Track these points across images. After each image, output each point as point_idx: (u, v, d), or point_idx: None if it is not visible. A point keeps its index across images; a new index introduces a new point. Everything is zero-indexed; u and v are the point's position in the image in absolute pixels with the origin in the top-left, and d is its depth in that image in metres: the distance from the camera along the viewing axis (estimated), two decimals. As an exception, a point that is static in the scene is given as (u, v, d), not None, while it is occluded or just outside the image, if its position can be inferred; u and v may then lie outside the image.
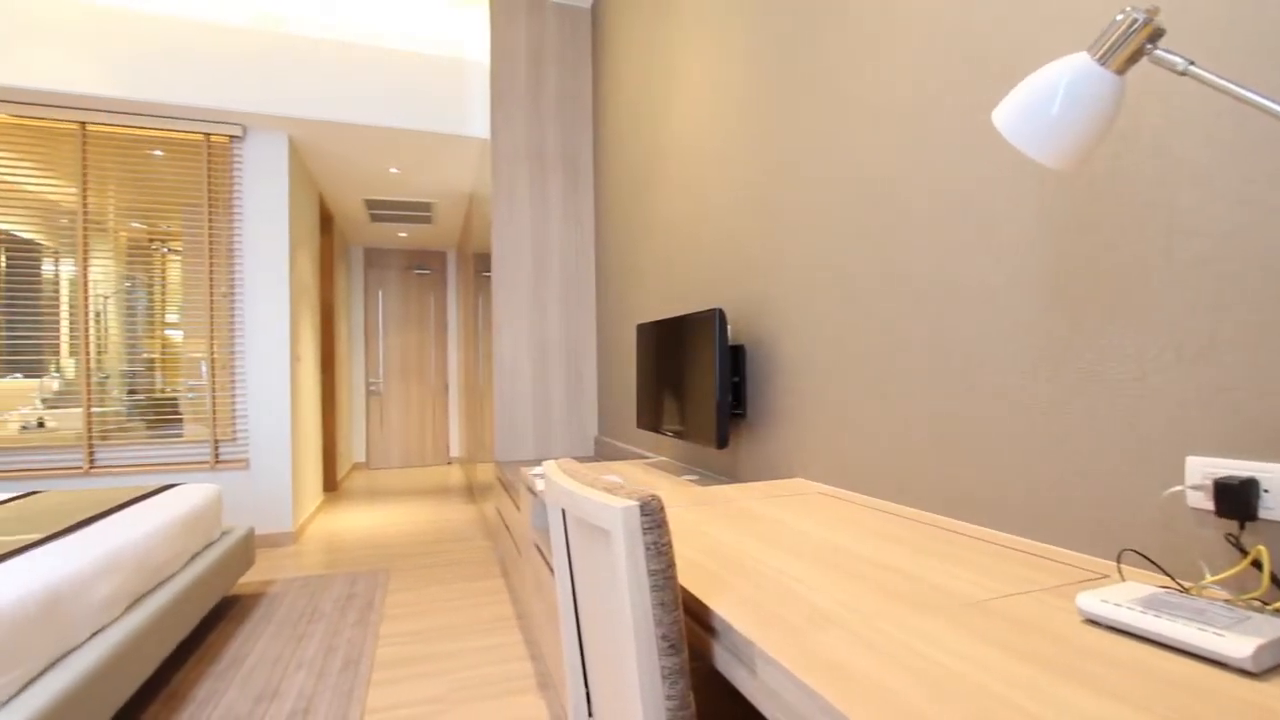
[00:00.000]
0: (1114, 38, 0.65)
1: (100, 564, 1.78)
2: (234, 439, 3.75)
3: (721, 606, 0.78)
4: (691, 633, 0.81)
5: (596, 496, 0.73)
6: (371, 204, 5.38)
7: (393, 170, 4.56)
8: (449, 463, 7.23)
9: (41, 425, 3.59)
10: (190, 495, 2.58)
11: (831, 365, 1.53)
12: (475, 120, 3.89)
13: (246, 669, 2.23)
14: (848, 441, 1.47)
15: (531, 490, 2.22)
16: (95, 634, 1.72)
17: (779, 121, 1.74)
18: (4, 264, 3.52)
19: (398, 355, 7.07)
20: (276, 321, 3.83)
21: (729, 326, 2.03)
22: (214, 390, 3.72)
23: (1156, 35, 0.64)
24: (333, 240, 5.57)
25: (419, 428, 7.12)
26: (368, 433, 6.97)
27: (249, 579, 3.23)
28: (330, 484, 5.52)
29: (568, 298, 3.56)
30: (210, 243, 3.72)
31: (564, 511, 0.98)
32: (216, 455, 3.72)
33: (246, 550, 2.86)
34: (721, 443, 1.72)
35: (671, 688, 0.70)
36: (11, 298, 3.49)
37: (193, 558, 2.44)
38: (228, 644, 2.44)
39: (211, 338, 3.73)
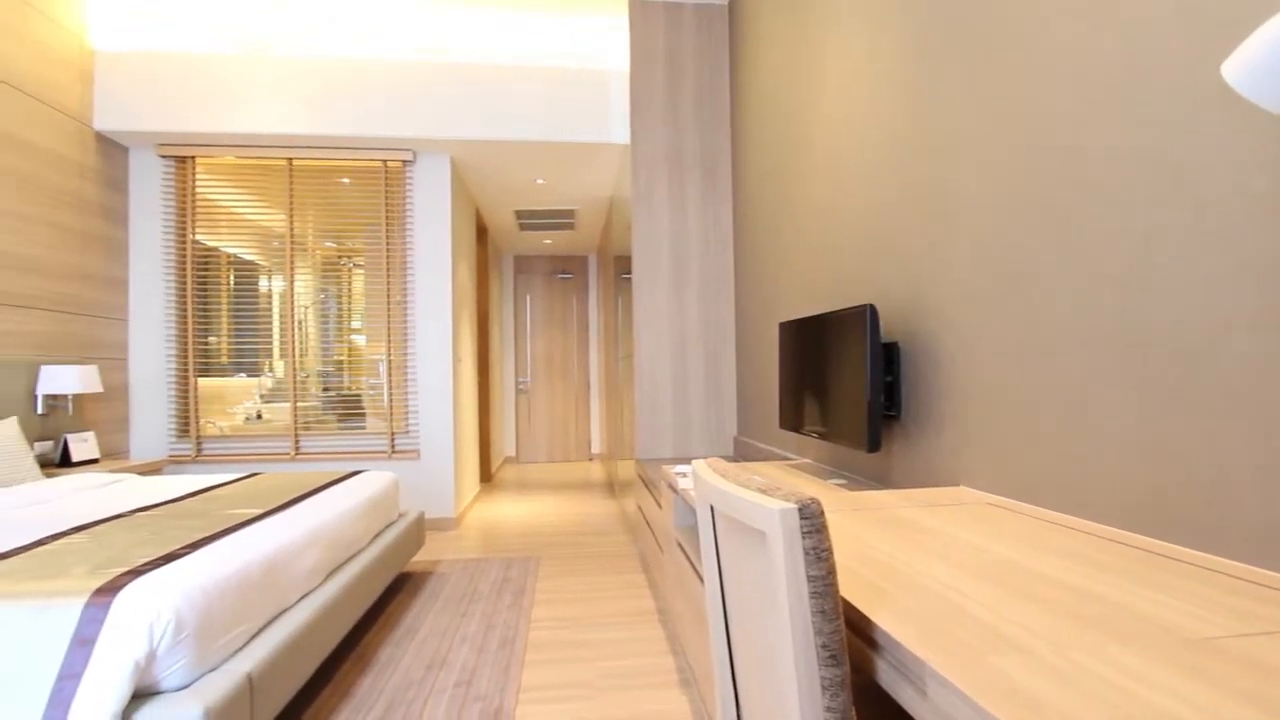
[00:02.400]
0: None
1: (306, 537, 2.07)
2: (407, 432, 4.18)
3: (884, 619, 0.73)
4: (850, 644, 0.78)
5: (751, 497, 0.72)
6: (520, 214, 5.74)
7: (539, 181, 4.84)
8: (591, 459, 7.53)
9: (260, 417, 4.24)
10: (373, 481, 2.91)
11: (1003, 363, 1.39)
12: (616, 127, 4.01)
13: (419, 638, 2.47)
14: (1023, 448, 1.33)
15: (673, 488, 2.24)
16: (303, 598, 2.00)
17: (942, 96, 1.61)
18: (233, 282, 4.20)
19: (544, 355, 7.49)
20: (441, 326, 4.21)
21: (880, 323, 1.91)
22: (390, 388, 4.18)
23: None
24: (487, 250, 6.03)
25: (563, 424, 7.49)
26: (517, 428, 7.45)
27: (420, 558, 3.59)
28: (485, 475, 5.97)
29: (706, 297, 3.56)
30: (387, 257, 4.18)
31: (712, 509, 0.97)
32: (393, 446, 4.16)
33: (418, 532, 3.17)
34: (873, 446, 1.62)
35: (832, 699, 0.67)
36: (238, 309, 4.16)
37: (375, 536, 2.75)
38: (403, 615, 2.72)
39: (388, 341, 4.18)
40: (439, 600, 2.89)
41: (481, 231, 5.87)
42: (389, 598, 2.93)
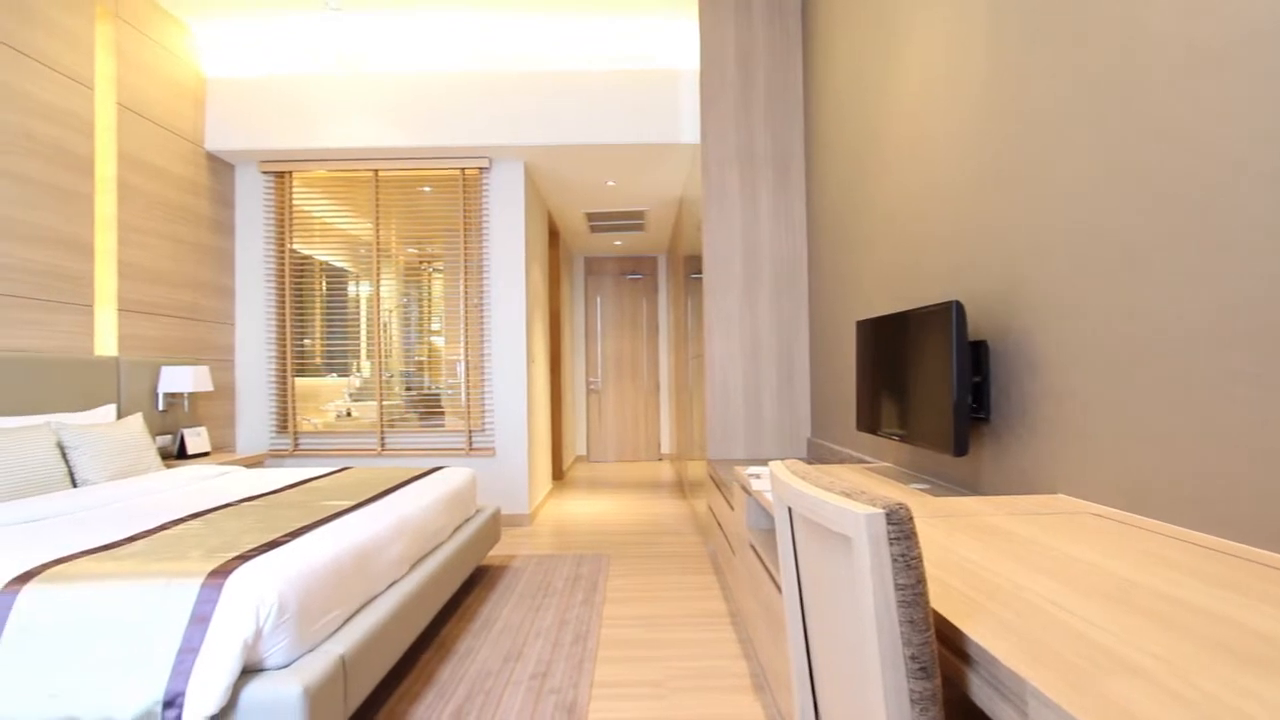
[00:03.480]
0: None
1: (393, 528, 2.17)
2: (483, 430, 4.32)
3: (978, 632, 0.69)
4: (941, 657, 0.74)
5: (835, 500, 0.70)
6: (591, 216, 5.83)
7: (610, 183, 4.89)
8: (660, 458, 7.55)
9: (349, 415, 4.50)
10: (453, 477, 3.02)
11: (1111, 363, 1.29)
12: (686, 127, 4.01)
13: (496, 630, 2.55)
14: (1132, 454, 1.23)
15: (746, 489, 2.21)
16: (390, 586, 2.10)
17: (1038, 76, 1.51)
18: (325, 288, 4.47)
19: (614, 356, 7.57)
20: (515, 327, 4.33)
21: (967, 320, 1.81)
22: (467, 387, 4.33)
23: None
24: (558, 252, 6.15)
25: (633, 424, 7.55)
26: (587, 428, 7.57)
27: (495, 553, 3.70)
28: (557, 473, 6.09)
29: (779, 296, 3.50)
30: (464, 261, 4.34)
31: (790, 512, 0.95)
32: (470, 443, 4.32)
33: (494, 527, 3.27)
34: (960, 450, 1.54)
35: (922, 714, 0.64)
36: (330, 313, 4.43)
37: (455, 530, 2.86)
38: (481, 607, 2.81)
39: (465, 342, 4.34)
40: (514, 594, 2.97)
41: (553, 234, 6.00)
42: (467, 590, 3.04)
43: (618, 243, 7.02)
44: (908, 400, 1.84)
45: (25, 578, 1.48)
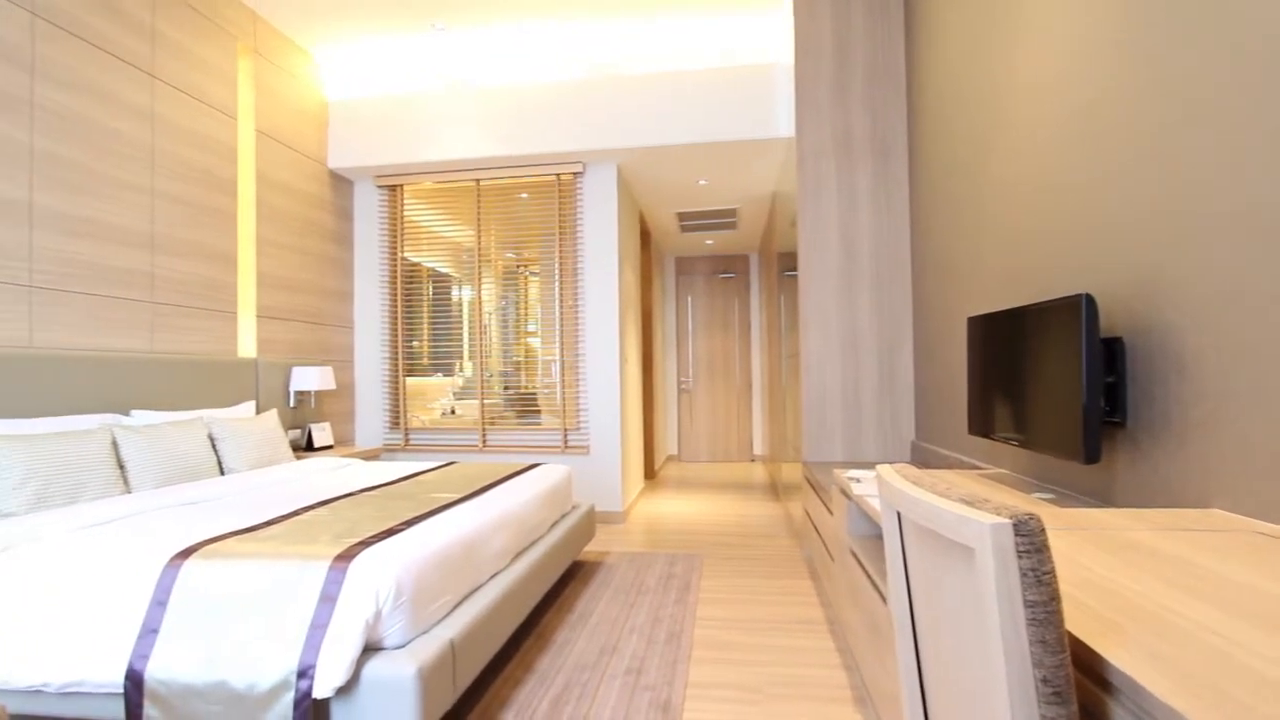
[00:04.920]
0: None
1: (496, 521, 2.27)
2: (578, 428, 4.43)
3: (1121, 659, 0.63)
4: (1076, 683, 0.68)
5: (953, 508, 0.66)
6: (682, 216, 5.83)
7: (701, 182, 4.87)
8: (752, 459, 7.43)
9: (454, 413, 4.74)
10: (550, 473, 3.12)
11: None
12: (780, 120, 3.92)
13: (592, 624, 2.61)
14: (1306, 466, 1.07)
15: (846, 494, 2.13)
16: (493, 576, 2.20)
17: (1184, 40, 1.36)
18: (431, 292, 4.75)
19: (705, 355, 7.54)
20: (608, 328, 4.40)
21: (1099, 315, 1.66)
22: (562, 387, 4.45)
23: None
24: (650, 253, 6.20)
25: (724, 424, 7.48)
26: (679, 427, 7.58)
27: (590, 549, 3.78)
28: (649, 472, 6.14)
29: (880, 292, 3.35)
30: (559, 264, 4.46)
31: (899, 519, 0.91)
32: (566, 442, 4.44)
33: (589, 524, 3.34)
34: (1090, 457, 1.41)
35: (1056, 744, 0.59)
36: (435, 317, 4.70)
37: (553, 525, 2.94)
38: (577, 601, 2.88)
39: (560, 343, 4.47)
40: (609, 589, 3.02)
41: (645, 235, 6.05)
42: (563, 583, 3.13)
43: (709, 242, 6.97)
44: (1028, 402, 1.71)
45: (186, 553, 1.67)
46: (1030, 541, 0.58)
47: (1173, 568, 0.92)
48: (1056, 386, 1.54)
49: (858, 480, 2.05)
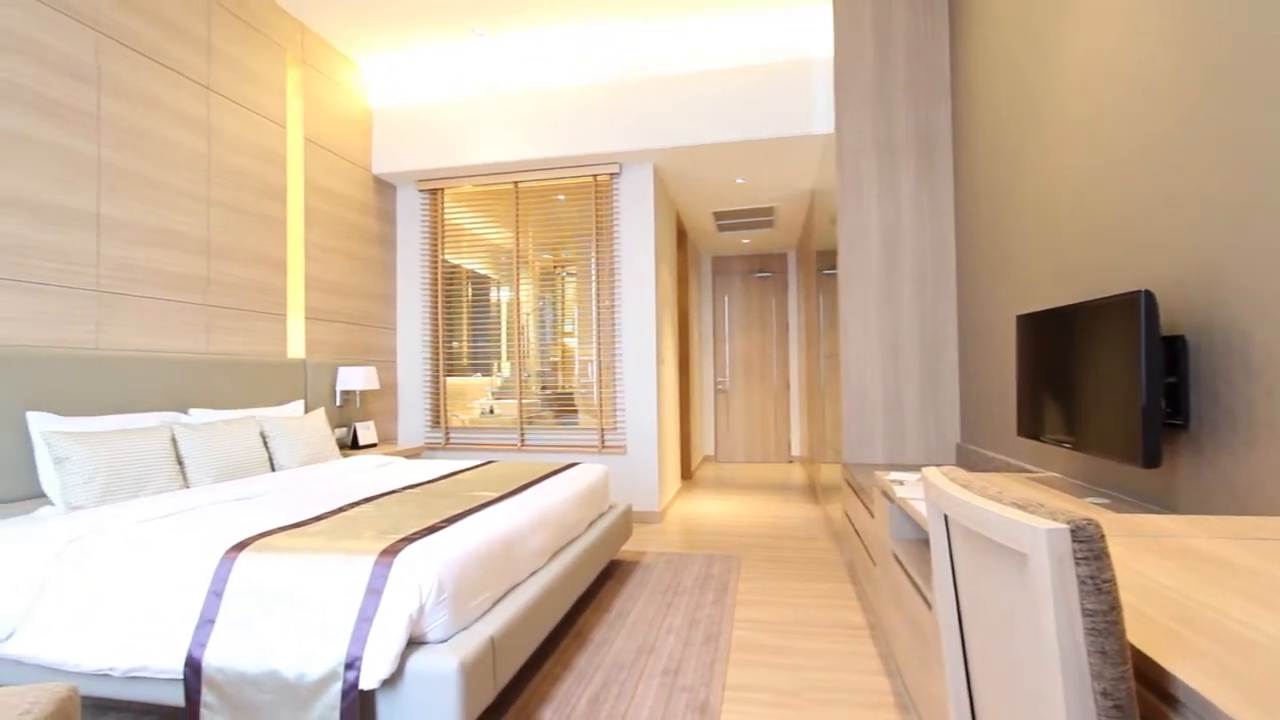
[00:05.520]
0: None
1: (535, 520, 2.29)
2: (615, 429, 4.45)
3: (1188, 673, 0.60)
4: (1138, 696, 0.65)
5: (1005, 512, 0.64)
6: (719, 215, 5.79)
7: (739, 180, 4.83)
8: (790, 460, 7.34)
9: (492, 412, 4.81)
10: (588, 473, 3.14)
11: (1355, 360, 1.06)
12: (819, 116, 3.86)
13: (629, 624, 2.61)
14: (1392, 472, 1.00)
15: (889, 496, 2.09)
16: (532, 574, 2.22)
17: (1247, 20, 1.29)
18: (470, 294, 4.83)
19: (741, 355, 7.48)
20: (644, 328, 4.41)
21: (1159, 311, 1.59)
22: (599, 387, 4.48)
23: None
24: (686, 252, 6.18)
25: (761, 425, 7.41)
26: (715, 428, 7.53)
27: (627, 548, 3.79)
28: (686, 472, 6.12)
29: (923, 290, 3.27)
30: (596, 265, 4.49)
31: (947, 522, 0.88)
32: (603, 441, 4.46)
33: (626, 524, 3.35)
34: (1150, 461, 1.35)
35: (1116, 759, 0.57)
36: (475, 318, 4.77)
37: (590, 525, 2.96)
38: (614, 600, 2.89)
39: (597, 343, 4.49)
40: (646, 589, 3.02)
41: (681, 235, 6.03)
42: (600, 582, 3.14)
43: (745, 241, 6.92)
44: (1081, 403, 1.64)
45: (240, 546, 1.74)
46: (1089, 548, 0.56)
47: (1242, 577, 0.87)
48: (1113, 387, 1.48)
49: (900, 483, 2.01)
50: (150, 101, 2.91)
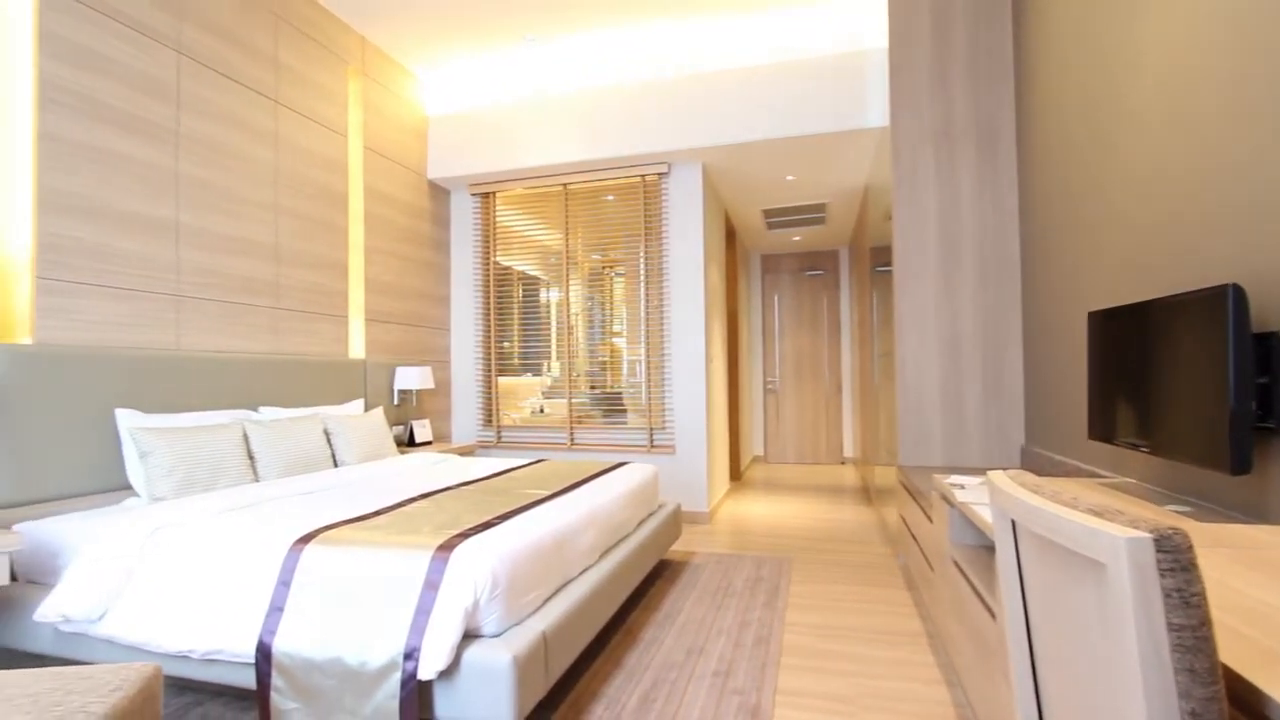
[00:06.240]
0: None
1: (585, 518, 2.32)
2: (664, 428, 4.45)
3: (1289, 696, 0.55)
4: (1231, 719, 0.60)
5: (1080, 519, 0.60)
6: (768, 213, 5.72)
7: (789, 178, 4.76)
8: (843, 462, 7.19)
9: (542, 411, 4.88)
10: (637, 472, 3.15)
11: None
12: (873, 109, 3.76)
13: (679, 624, 2.61)
14: None
15: (949, 501, 2.02)
16: (583, 571, 2.24)
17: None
18: (521, 295, 4.91)
19: (792, 355, 7.36)
20: (694, 328, 4.39)
21: (1249, 307, 1.48)
22: (648, 387, 4.48)
23: None
24: (735, 251, 6.13)
25: (813, 426, 7.27)
26: (765, 428, 7.44)
27: (676, 548, 3.78)
28: (735, 473, 6.07)
29: (984, 286, 3.14)
30: (644, 265, 4.50)
31: (1014, 528, 0.85)
32: (652, 441, 4.46)
33: (675, 523, 3.34)
34: (1239, 466, 1.26)
35: (1207, 786, 0.53)
36: (525, 318, 4.85)
37: (640, 524, 2.97)
38: (664, 600, 2.89)
39: (646, 343, 4.50)
40: (695, 590, 3.01)
41: (730, 234, 5.98)
42: (650, 582, 3.14)
43: (796, 238, 6.80)
44: (1160, 405, 1.55)
45: (306, 539, 1.82)
46: (1175, 559, 0.53)
47: (1349, 595, 0.80)
48: (1196, 387, 1.39)
49: (961, 487, 1.94)
50: (224, 116, 3.07)
